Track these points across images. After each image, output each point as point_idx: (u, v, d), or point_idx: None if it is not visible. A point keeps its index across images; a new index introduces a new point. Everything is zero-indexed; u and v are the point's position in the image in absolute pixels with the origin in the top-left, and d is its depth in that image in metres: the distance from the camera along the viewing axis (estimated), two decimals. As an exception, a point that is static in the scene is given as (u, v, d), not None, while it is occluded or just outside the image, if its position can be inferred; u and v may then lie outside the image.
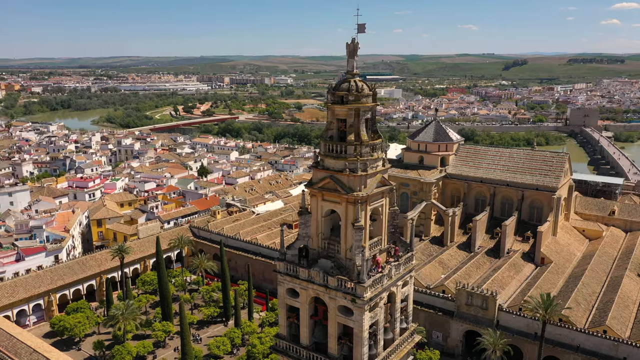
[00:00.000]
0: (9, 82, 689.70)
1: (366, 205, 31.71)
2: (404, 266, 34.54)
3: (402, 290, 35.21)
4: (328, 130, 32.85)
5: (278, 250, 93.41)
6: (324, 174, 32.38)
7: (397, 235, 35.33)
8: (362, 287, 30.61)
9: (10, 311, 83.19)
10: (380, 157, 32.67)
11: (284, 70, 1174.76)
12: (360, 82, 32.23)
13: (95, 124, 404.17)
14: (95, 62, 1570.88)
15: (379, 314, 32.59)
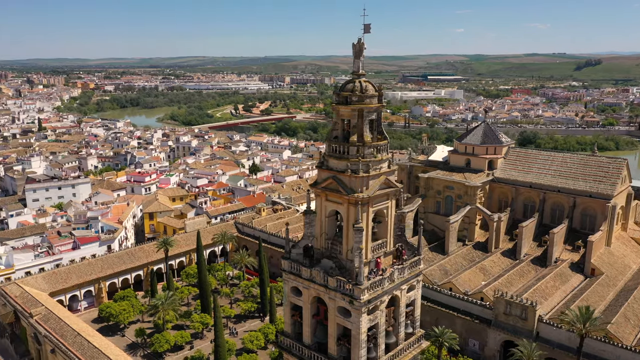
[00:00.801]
0: (85, 81, 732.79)
1: (368, 207, 31.46)
2: (409, 270, 33.96)
3: (408, 294, 34.62)
4: (333, 130, 32.90)
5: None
6: (328, 174, 32.46)
7: (404, 238, 34.75)
8: (359, 288, 30.43)
9: (63, 296, 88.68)
10: (386, 159, 32.31)
11: (344, 70, 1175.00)
12: (365, 82, 32.03)
13: (160, 121, 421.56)
14: (165, 62, 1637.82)
15: (379, 317, 32.25)
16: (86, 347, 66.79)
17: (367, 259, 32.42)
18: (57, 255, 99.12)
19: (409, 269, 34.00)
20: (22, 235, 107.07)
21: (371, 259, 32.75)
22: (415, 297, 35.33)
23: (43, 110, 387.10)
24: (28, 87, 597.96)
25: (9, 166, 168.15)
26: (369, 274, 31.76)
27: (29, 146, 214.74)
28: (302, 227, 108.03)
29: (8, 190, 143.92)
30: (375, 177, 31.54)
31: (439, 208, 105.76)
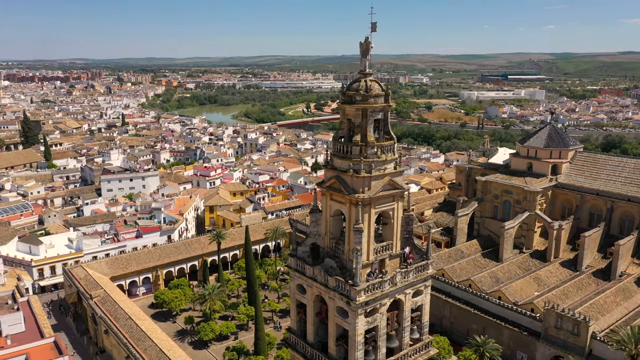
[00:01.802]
0: (170, 79, 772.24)
1: (370, 208, 31.06)
2: (414, 274, 33.11)
3: (414, 299, 33.78)
4: (339, 130, 32.76)
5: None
6: (332, 173, 32.41)
7: (412, 241, 33.94)
8: (355, 290, 30.14)
9: (123, 281, 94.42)
10: (391, 160, 31.72)
11: (421, 69, 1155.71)
12: (372, 82, 31.60)
13: (234, 118, 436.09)
14: (245, 61, 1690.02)
15: (378, 320, 31.74)
16: (134, 330, 70.84)
17: (368, 260, 32.02)
18: (122, 242, 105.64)
19: (414, 273, 33.15)
20: (94, 222, 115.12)
21: (374, 260, 32.29)
22: (423, 303, 34.38)
23: (129, 106, 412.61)
24: (118, 85, 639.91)
25: (90, 158, 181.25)
26: (369, 275, 31.35)
27: (111, 140, 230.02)
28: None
29: (87, 180, 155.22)
30: (378, 178, 31.06)
31: (496, 213, 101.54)
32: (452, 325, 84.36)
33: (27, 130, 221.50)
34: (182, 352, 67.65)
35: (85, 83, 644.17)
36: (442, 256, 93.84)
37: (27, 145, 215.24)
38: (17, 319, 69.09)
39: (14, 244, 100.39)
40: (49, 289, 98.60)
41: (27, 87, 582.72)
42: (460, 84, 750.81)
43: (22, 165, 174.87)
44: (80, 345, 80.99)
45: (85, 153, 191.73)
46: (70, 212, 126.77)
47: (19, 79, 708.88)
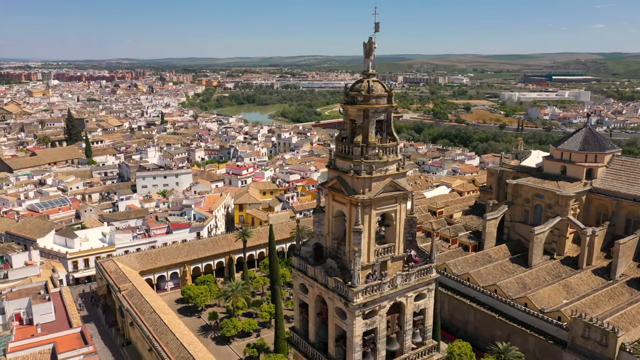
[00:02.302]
0: (210, 79, 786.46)
1: (371, 209, 30.87)
2: (416, 277, 32.68)
3: (417, 302, 33.33)
4: (342, 130, 32.69)
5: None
6: (334, 174, 32.40)
7: (415, 244, 33.52)
8: (352, 291, 30.02)
9: (152, 275, 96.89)
10: (393, 161, 31.41)
11: (462, 69, 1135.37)
12: (374, 82, 31.39)
13: (271, 117, 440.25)
14: (284, 61, 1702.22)
15: (378, 323, 31.49)
16: (158, 324, 72.60)
17: (369, 261, 31.82)
18: (153, 237, 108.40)
19: (416, 275, 32.73)
20: (127, 217, 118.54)
21: (375, 262, 32.06)
22: (427, 307, 33.88)
23: (169, 105, 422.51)
24: (160, 84, 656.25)
25: (128, 155, 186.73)
26: (368, 277, 31.15)
27: (149, 138, 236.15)
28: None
29: (124, 176, 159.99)
30: (379, 179, 30.81)
31: (527, 217, 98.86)
32: (477, 330, 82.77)
33: (70, 127, 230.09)
34: (202, 347, 68.90)
35: (129, 82, 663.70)
36: (469, 260, 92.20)
37: (70, 142, 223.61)
38: (47, 309, 71.98)
39: (51, 237, 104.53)
40: (83, 281, 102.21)
41: (75, 86, 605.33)
42: (501, 84, 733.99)
43: (65, 161, 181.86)
44: (108, 336, 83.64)
45: (124, 150, 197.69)
46: (106, 207, 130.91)
47: (67, 79, 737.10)
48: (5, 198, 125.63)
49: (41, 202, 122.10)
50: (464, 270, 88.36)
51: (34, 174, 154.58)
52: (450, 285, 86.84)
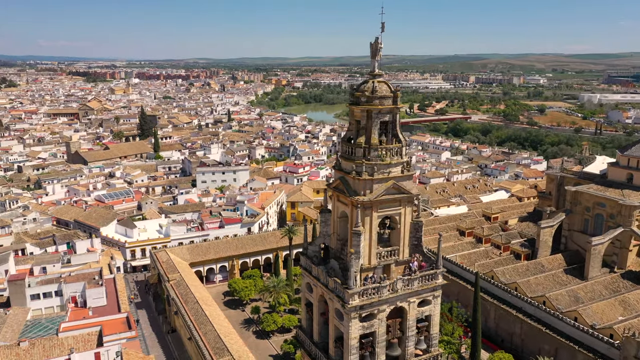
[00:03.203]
0: (279, 78, 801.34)
1: (372, 211, 30.50)
2: (419, 282, 31.89)
3: (420, 308, 32.49)
4: (348, 131, 32.52)
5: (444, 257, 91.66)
6: (338, 174, 32.27)
7: (421, 248, 32.72)
8: (348, 292, 29.81)
9: (202, 267, 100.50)
10: (397, 163, 30.84)
11: (540, 69, 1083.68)
12: (379, 83, 30.98)
13: (336, 117, 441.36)
14: (354, 60, 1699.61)
15: (376, 326, 31.06)
16: (199, 314, 75.30)
17: (369, 264, 31.43)
18: (206, 231, 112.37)
19: (419, 281, 31.90)
20: (184, 211, 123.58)
21: (376, 265, 31.63)
22: (432, 313, 32.92)
23: (238, 103, 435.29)
24: (232, 83, 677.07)
25: (193, 151, 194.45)
26: (366, 279, 30.79)
27: (215, 135, 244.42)
28: (428, 232, 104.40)
29: (186, 171, 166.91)
30: (381, 181, 30.33)
31: (587, 227, 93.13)
32: (523, 342, 79.17)
33: (143, 123, 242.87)
34: (238, 339, 70.75)
35: (203, 81, 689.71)
36: (519, 269, 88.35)
37: (142, 137, 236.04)
38: (100, 294, 76.67)
39: (113, 226, 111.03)
40: (139, 269, 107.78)
41: (153, 85, 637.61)
42: (582, 85, 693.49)
43: (134, 155, 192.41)
44: (156, 323, 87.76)
45: (189, 146, 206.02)
46: (167, 200, 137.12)
47: (147, 77, 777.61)
48: (77, 188, 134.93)
49: (107, 193, 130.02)
50: (512, 279, 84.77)
51: (105, 166, 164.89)
52: (497, 294, 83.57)
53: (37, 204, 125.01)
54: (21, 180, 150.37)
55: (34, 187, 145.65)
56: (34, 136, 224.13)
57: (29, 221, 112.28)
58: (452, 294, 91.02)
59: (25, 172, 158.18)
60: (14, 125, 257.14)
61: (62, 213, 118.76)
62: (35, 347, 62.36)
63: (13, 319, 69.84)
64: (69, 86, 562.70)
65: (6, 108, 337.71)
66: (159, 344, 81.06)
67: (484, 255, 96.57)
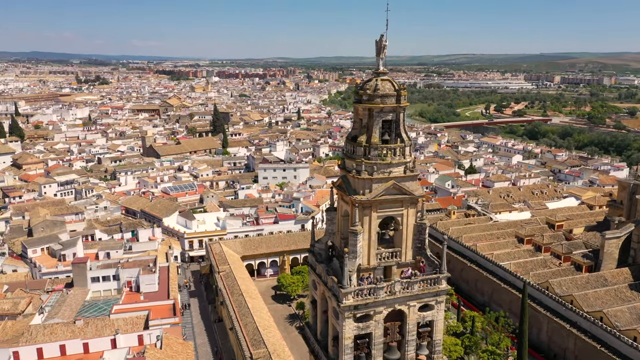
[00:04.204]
0: (354, 77, 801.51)
1: (371, 211, 30.12)
2: (419, 286, 31.03)
3: (422, 313, 31.58)
4: (352, 129, 32.27)
5: (490, 260, 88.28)
6: (342, 173, 32.15)
7: (424, 251, 31.82)
8: (341, 292, 29.63)
9: (253, 261, 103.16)
10: (400, 163, 30.19)
11: (636, 69, 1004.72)
12: (383, 81, 30.41)
13: (408, 117, 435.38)
14: (433, 59, 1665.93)
15: (372, 328, 30.61)
16: (242, 306, 77.48)
17: (368, 264, 30.99)
18: (261, 226, 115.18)
19: (420, 284, 31.02)
20: (243, 205, 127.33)
21: (376, 265, 31.15)
22: (435, 319, 31.85)
23: (310, 102, 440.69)
24: (306, 82, 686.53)
25: (259, 148, 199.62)
26: (362, 279, 30.41)
27: (283, 132, 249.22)
28: (486, 237, 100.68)
29: (250, 167, 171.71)
30: (381, 181, 29.80)
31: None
32: (577, 359, 74.45)
33: (215, 120, 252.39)
34: (277, 333, 72.08)
35: (279, 80, 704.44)
36: (577, 281, 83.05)
37: (214, 133, 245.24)
38: (152, 280, 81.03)
39: (175, 217, 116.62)
40: (197, 259, 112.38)
41: (231, 83, 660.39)
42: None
43: (203, 150, 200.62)
44: (205, 312, 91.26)
45: (256, 143, 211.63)
46: (229, 195, 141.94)
47: (226, 76, 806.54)
48: (146, 180, 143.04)
49: (173, 186, 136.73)
50: (569, 291, 79.89)
51: (175, 160, 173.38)
52: (551, 306, 79.11)
53: (110, 194, 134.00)
54: (99, 171, 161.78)
55: (110, 177, 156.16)
56: (117, 130, 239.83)
57: (101, 209, 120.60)
58: (504, 303, 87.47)
59: (104, 163, 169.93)
60: (100, 120, 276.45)
61: (130, 203, 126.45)
62: (88, 325, 66.98)
63: (73, 298, 75.49)
64: (154, 84, 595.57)
65: (96, 104, 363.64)
66: (205, 332, 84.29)
67: (541, 264, 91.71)
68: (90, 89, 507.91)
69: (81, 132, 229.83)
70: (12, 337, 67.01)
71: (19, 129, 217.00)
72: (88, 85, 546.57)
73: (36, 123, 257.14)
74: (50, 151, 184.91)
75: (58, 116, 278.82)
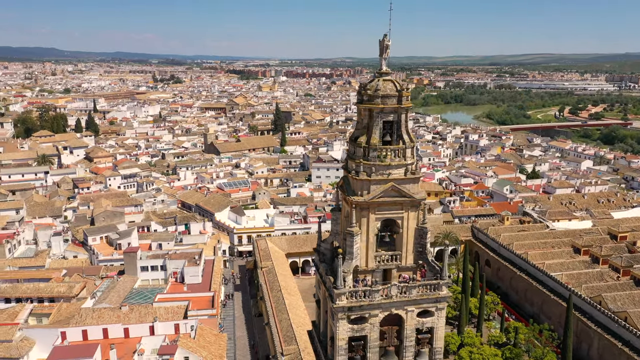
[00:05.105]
0: (422, 77, 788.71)
1: (369, 213, 29.82)
2: (418, 291, 30.29)
3: (421, 319, 30.82)
4: (355, 130, 32.04)
5: (540, 269, 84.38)
6: (344, 174, 32.03)
7: (425, 256, 31.03)
8: (335, 292, 29.52)
9: (298, 258, 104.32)
10: (400, 165, 29.70)
11: None
12: (385, 82, 30.01)
13: (475, 118, 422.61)
14: (506, 60, 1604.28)
15: (368, 331, 30.27)
16: (280, 302, 78.64)
17: (367, 266, 30.62)
18: (308, 224, 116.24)
19: (418, 290, 30.27)
20: (293, 203, 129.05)
21: (375, 268, 30.74)
22: (435, 326, 30.95)
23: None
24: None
25: (316, 147, 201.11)
26: (357, 281, 30.08)
27: (343, 132, 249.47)
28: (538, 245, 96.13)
29: (305, 166, 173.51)
30: (379, 183, 29.35)
31: None
32: (628, 380, 69.52)
33: (277, 119, 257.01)
34: (310, 331, 72.55)
35: (345, 80, 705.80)
36: (635, 297, 77.69)
37: (275, 132, 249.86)
38: (196, 272, 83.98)
39: (226, 213, 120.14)
40: (245, 254, 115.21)
41: (298, 83, 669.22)
42: None
43: (262, 148, 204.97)
44: (247, 306, 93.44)
45: (314, 142, 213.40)
46: (282, 192, 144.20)
47: (294, 75, 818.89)
48: (203, 176, 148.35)
49: (227, 182, 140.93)
50: (624, 307, 74.77)
51: (233, 157, 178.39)
52: (603, 322, 74.37)
53: (168, 188, 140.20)
54: (162, 166, 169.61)
55: (171, 172, 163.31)
56: (183, 127, 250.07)
57: (158, 202, 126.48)
58: (553, 315, 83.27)
59: (167, 158, 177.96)
60: (169, 117, 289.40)
61: (186, 197, 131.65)
62: (132, 312, 70.52)
63: (121, 285, 79.83)
64: (224, 83, 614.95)
65: (168, 102, 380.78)
66: (245, 325, 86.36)
67: (597, 277, 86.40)
68: (164, 87, 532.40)
69: (150, 129, 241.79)
70: (65, 318, 71.87)
71: (94, 124, 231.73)
72: (163, 84, 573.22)
73: (111, 119, 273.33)
74: (120, 146, 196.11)
75: (131, 113, 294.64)
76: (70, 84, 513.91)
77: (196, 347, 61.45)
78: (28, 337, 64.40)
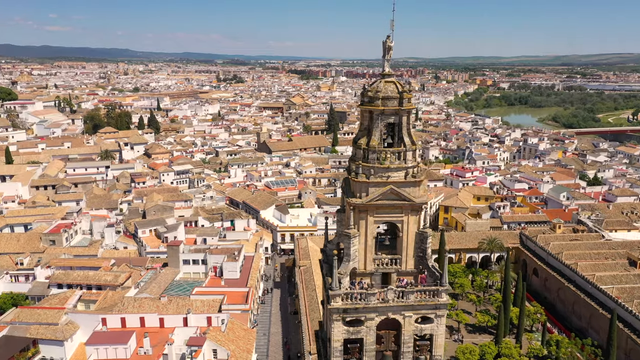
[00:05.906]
0: (485, 78, 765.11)
1: (367, 215, 29.62)
2: (415, 296, 29.71)
3: (420, 325, 30.22)
4: (358, 132, 31.83)
5: (589, 281, 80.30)
6: (346, 175, 31.95)
7: (426, 261, 30.38)
8: (330, 293, 29.51)
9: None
10: (400, 168, 29.27)
11: None
12: (386, 83, 29.62)
13: (540, 121, 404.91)
14: (580, 60, 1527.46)
15: (364, 334, 30.03)
16: (313, 301, 79.17)
17: (365, 269, 30.32)
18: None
19: (416, 295, 29.66)
20: (338, 203, 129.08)
21: (373, 271, 30.42)
22: (435, 333, 30.20)
23: (433, 103, 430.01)
24: (433, 82, 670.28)
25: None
26: (352, 283, 29.85)
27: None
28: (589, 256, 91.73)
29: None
30: (378, 185, 28.99)
31: None
32: (679, 405, 64.83)
33: (330, 119, 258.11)
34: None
35: (405, 80, 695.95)
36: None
37: (329, 132, 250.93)
38: (234, 268, 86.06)
39: (271, 211, 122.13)
40: (288, 252, 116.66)
41: (357, 83, 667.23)
42: None
43: (313, 148, 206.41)
44: (284, 304, 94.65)
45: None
46: (329, 193, 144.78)
47: (354, 75, 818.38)
48: (253, 174, 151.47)
49: (275, 181, 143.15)
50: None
51: (284, 156, 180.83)
52: (654, 341, 69.75)
53: (219, 184, 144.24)
54: (215, 163, 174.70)
55: (223, 169, 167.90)
56: (239, 126, 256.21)
57: (207, 198, 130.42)
58: (601, 330, 78.73)
59: (221, 156, 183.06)
60: (227, 115, 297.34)
61: (235, 194, 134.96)
62: (171, 303, 73.36)
63: (162, 277, 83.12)
64: (285, 83, 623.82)
65: (228, 101, 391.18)
66: (280, 322, 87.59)
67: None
68: (226, 87, 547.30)
69: (208, 127, 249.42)
70: (109, 305, 75.82)
71: (155, 122, 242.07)
72: (225, 84, 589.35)
73: (172, 117, 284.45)
74: (178, 143, 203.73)
75: (192, 111, 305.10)
76: (140, 83, 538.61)
77: (225, 341, 63.03)
78: (73, 321, 68.42)
